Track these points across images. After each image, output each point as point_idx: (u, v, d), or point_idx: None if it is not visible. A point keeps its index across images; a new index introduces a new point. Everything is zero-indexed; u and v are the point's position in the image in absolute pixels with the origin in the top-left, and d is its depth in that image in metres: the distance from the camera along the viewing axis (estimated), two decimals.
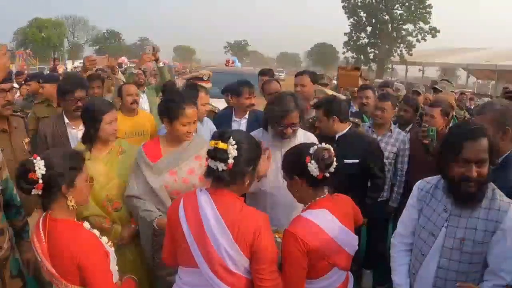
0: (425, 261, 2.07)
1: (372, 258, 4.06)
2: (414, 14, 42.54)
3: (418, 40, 42.57)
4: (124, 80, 4.32)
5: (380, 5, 43.72)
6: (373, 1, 43.92)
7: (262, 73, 5.13)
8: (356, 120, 4.05)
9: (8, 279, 2.25)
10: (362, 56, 45.79)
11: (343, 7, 45.27)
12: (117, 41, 78.40)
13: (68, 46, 71.84)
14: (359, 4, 44.84)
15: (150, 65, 6.48)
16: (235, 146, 1.80)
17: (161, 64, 4.63)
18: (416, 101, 4.61)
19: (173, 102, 2.59)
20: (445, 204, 2.02)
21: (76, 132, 3.20)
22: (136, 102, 3.86)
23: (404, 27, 43.64)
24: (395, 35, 43.26)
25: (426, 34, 42.26)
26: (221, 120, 4.03)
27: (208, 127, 3.70)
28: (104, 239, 1.96)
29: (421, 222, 2.12)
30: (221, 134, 1.83)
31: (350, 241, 2.08)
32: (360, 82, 5.33)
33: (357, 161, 3.12)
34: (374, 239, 4.08)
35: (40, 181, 1.77)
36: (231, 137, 1.80)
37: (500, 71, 20.88)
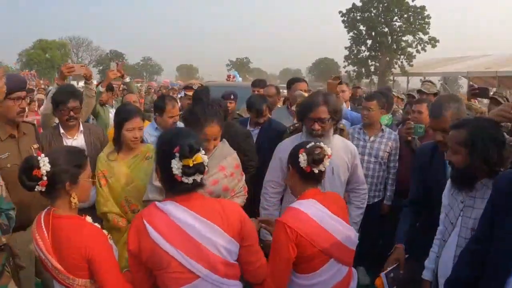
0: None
1: (365, 255, 4.07)
2: (413, 25, 42.91)
3: (418, 51, 42.82)
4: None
5: (379, 18, 44.11)
6: (372, 14, 44.38)
7: (254, 85, 5.59)
8: (341, 125, 4.15)
9: None
10: (363, 69, 46.01)
11: (343, 21, 45.73)
12: (120, 61, 79.33)
13: (64, 64, 72.78)
14: (358, 18, 45.30)
15: (154, 84, 6.90)
16: (205, 156, 1.78)
17: (127, 79, 4.94)
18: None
19: (194, 115, 2.55)
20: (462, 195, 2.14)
21: (71, 142, 3.27)
22: None
23: (404, 38, 43.89)
24: (395, 47, 43.51)
25: (425, 44, 42.55)
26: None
27: None
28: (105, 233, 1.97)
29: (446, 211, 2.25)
30: (191, 149, 1.72)
31: (344, 232, 2.08)
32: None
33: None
34: (367, 236, 4.09)
35: (45, 178, 1.79)
36: (201, 148, 1.78)
37: (500, 77, 20.95)
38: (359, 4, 44.43)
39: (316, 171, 2.07)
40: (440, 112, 2.46)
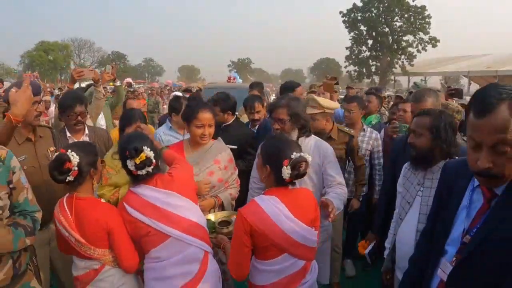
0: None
1: (351, 248, 4.37)
2: (413, 25, 43.08)
3: (418, 51, 43.01)
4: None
5: (380, 18, 44.27)
6: (373, 14, 44.52)
7: (251, 86, 5.81)
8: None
9: None
10: (364, 69, 46.10)
11: (344, 21, 45.86)
12: (122, 62, 79.67)
13: (74, 68, 73.05)
14: (359, 18, 45.44)
15: (156, 85, 6.95)
16: (151, 152, 2.22)
17: (117, 83, 5.04)
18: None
19: (189, 107, 2.93)
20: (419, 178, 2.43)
21: None
22: None
23: (404, 38, 44.07)
24: (395, 47, 43.67)
25: (426, 44, 42.66)
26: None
27: None
28: None
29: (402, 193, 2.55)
30: (136, 151, 2.18)
31: (300, 232, 2.13)
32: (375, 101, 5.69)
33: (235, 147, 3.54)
34: (352, 230, 4.53)
35: (75, 168, 2.15)
36: (144, 148, 2.20)
37: (501, 76, 21.06)
38: (359, 4, 44.62)
39: (294, 180, 2.18)
40: (423, 98, 2.86)
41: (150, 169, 2.21)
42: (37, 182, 2.64)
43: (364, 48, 46.51)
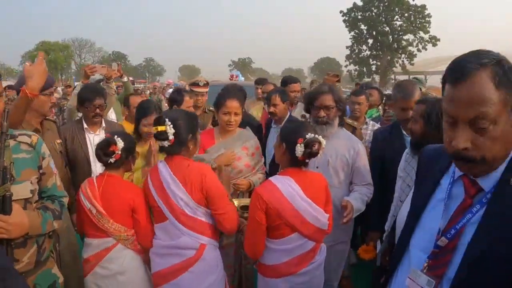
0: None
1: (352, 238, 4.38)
2: (413, 24, 43.16)
3: (419, 50, 43.10)
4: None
5: (380, 17, 44.38)
6: (373, 13, 44.61)
7: (257, 82, 6.03)
8: (307, 115, 4.42)
9: None
10: (364, 69, 46.16)
11: (344, 20, 45.94)
12: (123, 62, 79.64)
13: (75, 68, 73.08)
14: (359, 17, 45.51)
15: (158, 84, 7.03)
16: (171, 125, 2.28)
17: (125, 79, 5.16)
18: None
19: (220, 95, 3.11)
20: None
21: (93, 136, 3.44)
22: None
23: (405, 37, 44.18)
24: (396, 46, 43.78)
25: (426, 43, 42.71)
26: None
27: None
28: None
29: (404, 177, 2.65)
30: (158, 120, 2.31)
31: (312, 213, 2.24)
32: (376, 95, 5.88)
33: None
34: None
35: (119, 152, 2.40)
36: (167, 119, 2.29)
37: None
38: (360, 3, 44.70)
39: (307, 160, 2.29)
40: (413, 94, 2.96)
41: (165, 143, 2.31)
42: None
43: (364, 47, 46.63)
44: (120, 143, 2.41)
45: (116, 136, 2.43)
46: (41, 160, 2.02)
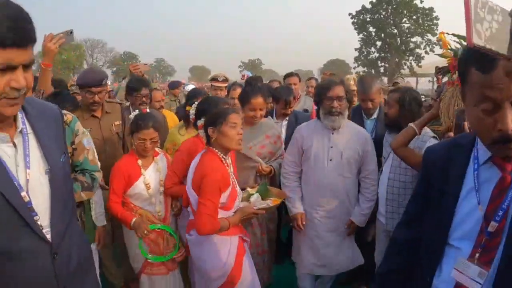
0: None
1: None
2: (421, 27, 43.42)
3: (426, 52, 43.33)
4: None
5: (388, 20, 44.66)
6: (382, 16, 44.93)
7: (286, 76, 5.64)
8: (309, 110, 4.84)
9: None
10: (373, 70, 46.26)
11: (353, 23, 46.26)
12: (134, 62, 79.76)
13: (87, 68, 73.57)
14: (368, 19, 45.82)
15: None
16: (193, 110, 2.80)
17: (146, 77, 5.43)
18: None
19: (244, 92, 3.31)
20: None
21: None
22: (162, 106, 4.67)
23: (412, 39, 44.46)
24: (404, 48, 44.07)
25: (434, 45, 42.79)
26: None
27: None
28: None
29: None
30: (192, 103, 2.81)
31: None
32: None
33: None
34: None
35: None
36: (195, 106, 2.78)
37: None
38: (368, 6, 44.99)
39: None
40: (370, 88, 3.46)
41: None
42: (98, 152, 2.71)
43: (372, 49, 46.92)
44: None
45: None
46: (74, 137, 2.26)
